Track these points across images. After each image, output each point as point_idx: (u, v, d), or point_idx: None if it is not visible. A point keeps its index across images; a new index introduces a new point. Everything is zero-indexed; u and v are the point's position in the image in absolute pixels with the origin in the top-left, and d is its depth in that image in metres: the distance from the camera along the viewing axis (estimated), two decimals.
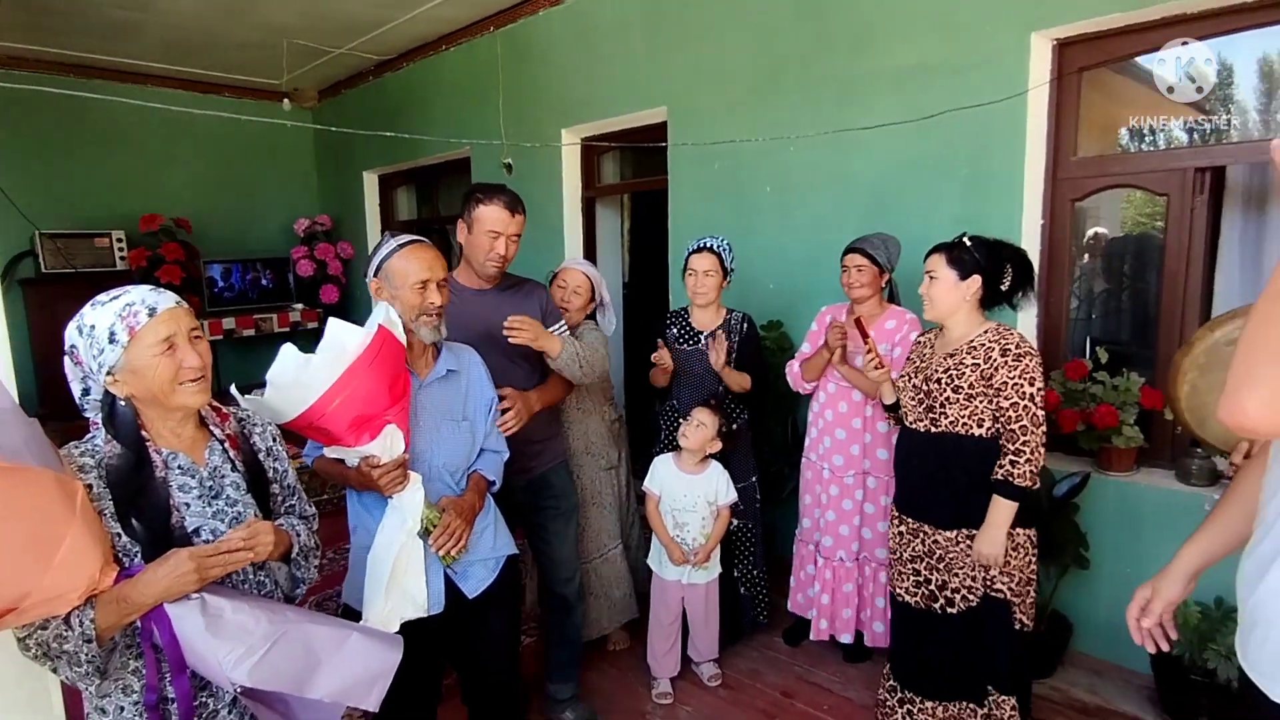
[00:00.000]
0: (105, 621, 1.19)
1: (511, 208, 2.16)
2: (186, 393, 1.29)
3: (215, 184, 6.37)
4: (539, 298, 2.34)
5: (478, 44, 4.97)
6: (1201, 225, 2.59)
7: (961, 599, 2.11)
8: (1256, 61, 3.32)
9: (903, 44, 3.03)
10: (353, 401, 1.57)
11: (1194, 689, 2.35)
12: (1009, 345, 2.01)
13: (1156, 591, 1.38)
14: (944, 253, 2.09)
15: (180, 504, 1.32)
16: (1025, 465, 1.97)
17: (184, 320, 1.30)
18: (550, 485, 2.39)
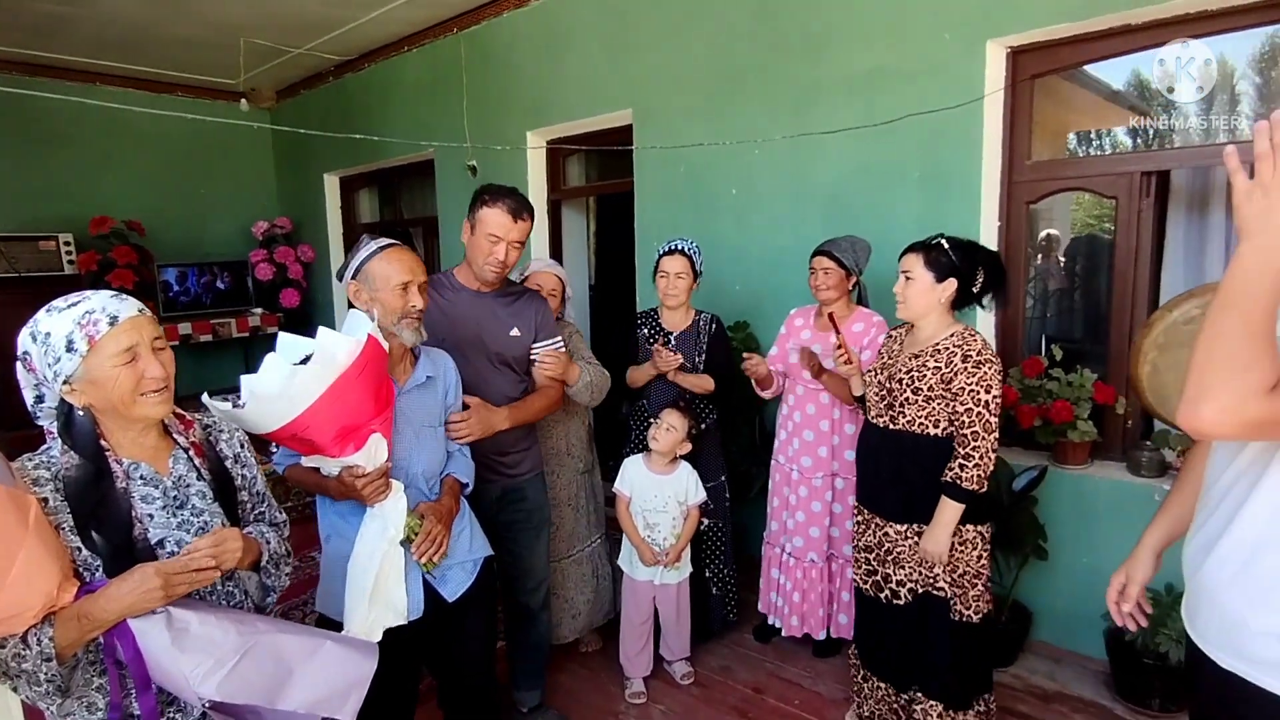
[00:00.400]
0: (65, 639, 1.15)
1: (515, 213, 2.09)
2: (148, 404, 1.26)
3: (169, 185, 6.20)
4: (536, 309, 2.29)
5: (440, 45, 4.93)
6: (1148, 226, 2.70)
7: (908, 591, 2.16)
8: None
9: (859, 51, 3.10)
10: (340, 412, 1.55)
11: (1147, 672, 2.44)
12: (970, 351, 2.04)
13: (1130, 576, 1.49)
14: (921, 254, 2.11)
15: (143, 515, 1.28)
16: (974, 469, 2.01)
17: (147, 329, 1.26)
18: (524, 496, 2.33)
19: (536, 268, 2.84)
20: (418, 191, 5.90)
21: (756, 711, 2.59)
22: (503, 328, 2.21)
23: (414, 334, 1.81)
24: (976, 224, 2.85)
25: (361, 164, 5.87)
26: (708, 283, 3.19)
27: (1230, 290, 0.97)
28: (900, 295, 2.13)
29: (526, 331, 2.25)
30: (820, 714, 2.56)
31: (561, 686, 2.75)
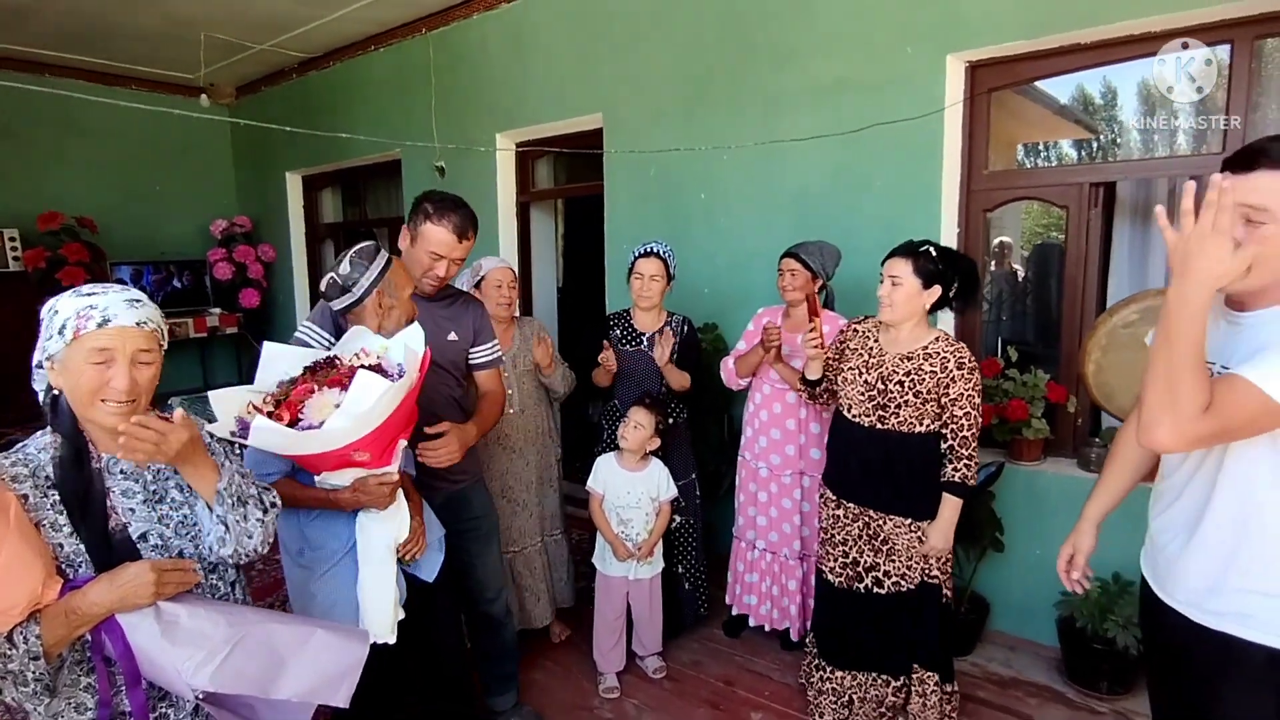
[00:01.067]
0: (53, 636, 1.15)
1: (461, 232, 2.04)
2: (104, 410, 1.24)
3: (122, 181, 6.05)
4: (474, 313, 2.28)
5: (408, 45, 4.91)
6: (1096, 234, 2.85)
7: (893, 583, 2.25)
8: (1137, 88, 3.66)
9: (825, 61, 3.20)
10: (395, 423, 1.59)
11: (1096, 656, 2.58)
12: (963, 359, 2.15)
13: (1076, 547, 1.70)
14: (909, 259, 2.16)
15: (124, 509, 1.28)
16: (974, 466, 2.17)
17: (134, 341, 1.25)
18: (469, 504, 2.30)
19: (490, 265, 2.87)
20: (383, 192, 5.85)
21: (728, 703, 2.66)
22: (440, 333, 2.17)
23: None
24: (937, 230, 2.97)
25: (325, 163, 5.80)
26: (676, 284, 3.25)
27: (1164, 328, 1.15)
28: (887, 299, 2.18)
29: (464, 337, 2.24)
30: (789, 704, 2.63)
31: (535, 684, 2.77)
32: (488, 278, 2.83)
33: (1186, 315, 1.12)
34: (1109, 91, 4.34)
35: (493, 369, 2.32)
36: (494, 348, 2.32)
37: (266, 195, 6.38)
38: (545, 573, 2.96)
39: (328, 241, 6.31)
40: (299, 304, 6.29)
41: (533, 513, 2.92)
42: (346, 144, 4.88)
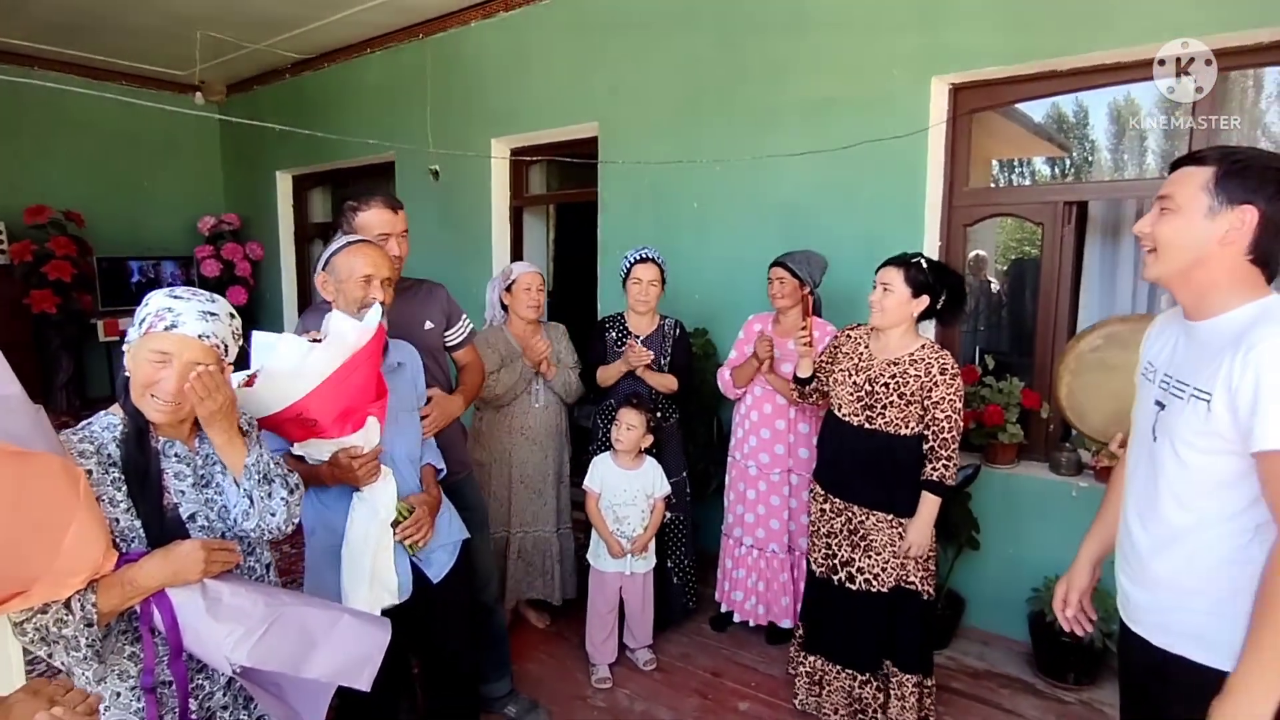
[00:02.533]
0: (107, 605, 1.23)
1: (392, 206, 2.15)
2: (150, 404, 1.33)
3: (110, 177, 6.04)
4: (440, 298, 2.37)
5: (404, 50, 4.98)
6: (1069, 251, 3.01)
7: (864, 580, 2.37)
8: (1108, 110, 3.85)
9: (816, 81, 3.34)
10: (344, 393, 1.64)
11: (1064, 650, 2.72)
12: (946, 365, 2.29)
13: (1070, 585, 1.63)
14: (901, 269, 2.30)
15: (176, 490, 1.37)
16: (952, 467, 2.29)
17: (191, 351, 1.32)
18: (462, 496, 2.36)
19: (521, 269, 2.99)
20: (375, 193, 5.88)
21: (716, 693, 2.76)
22: (415, 323, 2.26)
23: None
24: (920, 244, 3.11)
25: (316, 163, 5.83)
26: (667, 291, 3.36)
27: None
28: (878, 305, 2.32)
29: (439, 322, 2.34)
30: (775, 694, 2.74)
31: (529, 675, 2.85)
32: (518, 281, 2.94)
33: None
34: (1081, 112, 4.54)
35: (469, 345, 2.43)
36: (465, 324, 2.43)
37: (255, 193, 6.39)
38: (557, 559, 3.08)
39: (317, 241, 6.34)
40: (287, 303, 6.30)
41: (548, 502, 3.06)
42: (338, 145, 4.92)
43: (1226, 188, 1.24)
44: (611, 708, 2.68)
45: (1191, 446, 1.29)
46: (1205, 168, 1.27)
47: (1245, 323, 1.24)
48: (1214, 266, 1.27)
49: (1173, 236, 1.29)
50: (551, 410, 3.05)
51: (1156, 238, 1.31)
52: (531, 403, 3.00)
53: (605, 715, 2.64)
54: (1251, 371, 1.18)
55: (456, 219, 4.78)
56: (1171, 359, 1.39)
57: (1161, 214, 1.31)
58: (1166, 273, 1.33)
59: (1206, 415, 1.25)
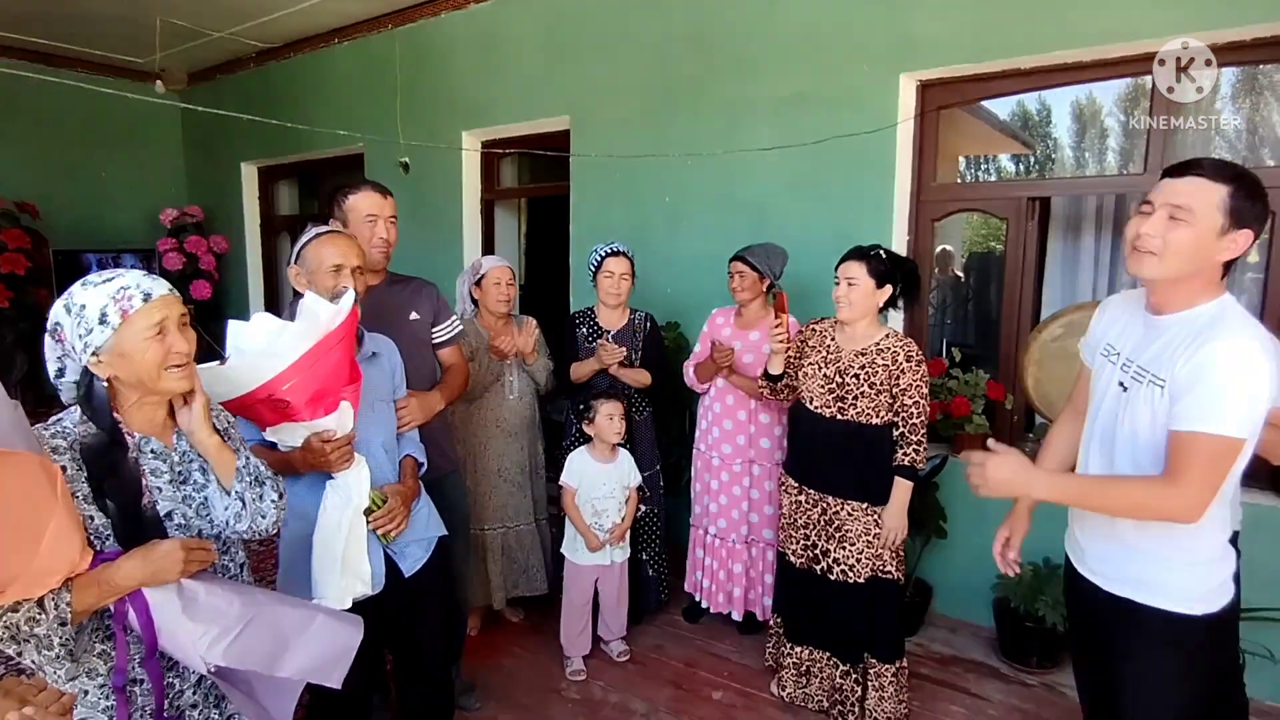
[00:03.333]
0: (82, 604, 1.20)
1: (381, 191, 2.20)
2: (171, 378, 1.32)
3: (66, 167, 5.87)
4: (430, 294, 2.40)
5: (373, 40, 4.91)
6: (1033, 245, 3.08)
7: (841, 572, 2.42)
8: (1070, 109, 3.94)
9: (786, 77, 3.36)
10: (317, 375, 1.62)
11: (1027, 634, 2.80)
12: (911, 353, 2.35)
13: (1013, 529, 1.84)
14: (864, 262, 2.35)
15: (153, 487, 1.34)
16: (923, 451, 2.36)
17: (175, 306, 1.32)
18: (442, 494, 2.33)
19: (491, 263, 2.97)
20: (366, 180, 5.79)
21: (690, 684, 2.79)
22: (403, 314, 2.29)
23: None
24: (889, 238, 3.16)
25: (283, 155, 5.74)
26: (639, 285, 3.37)
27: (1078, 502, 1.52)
28: (845, 299, 2.36)
29: (425, 315, 2.36)
30: (748, 683, 2.78)
31: (503, 669, 2.85)
32: (488, 276, 2.93)
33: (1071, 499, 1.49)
34: (1045, 110, 4.64)
35: (454, 345, 2.44)
36: (453, 324, 2.44)
37: (219, 185, 6.26)
38: (538, 551, 3.10)
39: (284, 234, 6.23)
40: (253, 296, 6.19)
41: (526, 494, 3.06)
42: (306, 136, 4.85)
43: (1239, 211, 1.34)
44: (586, 700, 2.69)
45: (1150, 428, 1.43)
46: (1220, 185, 1.34)
47: (1205, 320, 1.39)
48: (1202, 275, 1.40)
49: (1183, 246, 1.36)
50: (525, 401, 3.05)
51: (1167, 244, 1.37)
52: (505, 395, 2.99)
53: (580, 708, 2.65)
54: (1193, 365, 1.35)
55: (427, 212, 4.73)
56: (1133, 344, 1.52)
57: (1174, 222, 1.37)
58: (1165, 275, 1.41)
59: (1160, 399, 1.41)
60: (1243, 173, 1.37)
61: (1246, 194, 1.34)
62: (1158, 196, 1.41)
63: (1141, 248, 1.41)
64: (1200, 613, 1.45)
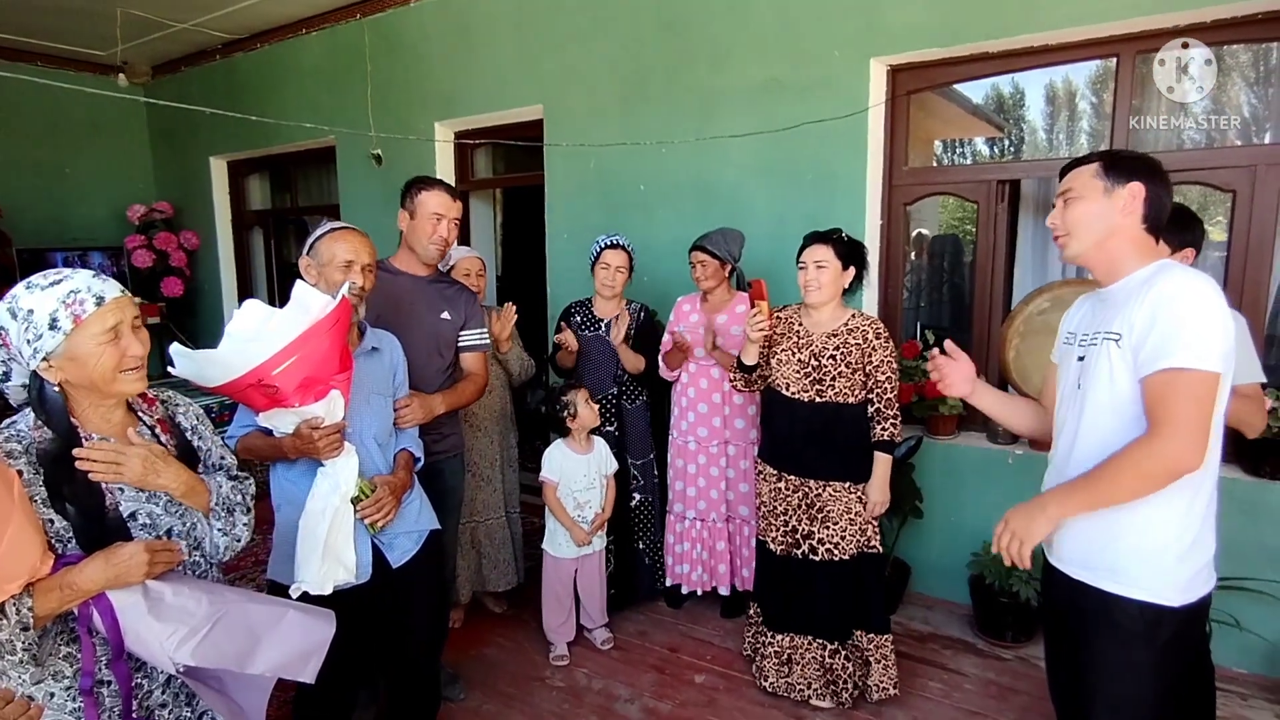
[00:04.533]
0: (44, 609, 1.19)
1: (452, 194, 2.35)
2: (127, 380, 1.30)
3: (28, 163, 5.73)
4: (466, 300, 2.47)
5: (342, 30, 4.84)
6: (1004, 227, 3.12)
7: (826, 550, 2.44)
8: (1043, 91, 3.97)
9: (758, 63, 3.37)
10: (306, 362, 1.62)
11: (1002, 609, 2.85)
12: (880, 331, 2.41)
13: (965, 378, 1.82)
14: (829, 245, 2.38)
15: (114, 488, 1.32)
16: (898, 425, 2.43)
17: (129, 309, 1.31)
18: (443, 477, 2.43)
19: (460, 254, 2.97)
20: (315, 179, 5.73)
21: (673, 668, 2.82)
22: (435, 310, 2.38)
23: (354, 311, 1.91)
24: (862, 222, 3.18)
25: (253, 148, 5.64)
26: None
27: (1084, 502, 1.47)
28: (815, 282, 2.39)
29: (456, 317, 2.42)
30: (729, 666, 2.81)
31: (486, 659, 2.87)
32: (456, 266, 2.94)
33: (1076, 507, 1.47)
34: (1018, 93, 4.67)
35: (478, 353, 2.48)
36: (482, 334, 2.49)
37: (188, 180, 6.14)
38: (508, 545, 3.10)
39: (256, 229, 6.15)
40: (226, 293, 6.10)
41: (496, 488, 3.06)
42: (275, 130, 4.76)
43: (1113, 172, 1.49)
44: (570, 687, 2.71)
45: (1109, 383, 1.45)
46: (1089, 164, 1.53)
47: (1147, 275, 1.46)
48: (1121, 236, 1.50)
49: (1081, 217, 1.52)
50: (495, 395, 3.05)
51: (1069, 222, 1.54)
52: None
53: (564, 695, 2.67)
54: (1148, 305, 1.39)
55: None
56: (1086, 322, 1.60)
57: (1067, 204, 1.55)
58: (1084, 248, 1.54)
59: (1116, 352, 1.44)
60: (1107, 150, 1.59)
61: (1112, 160, 1.51)
62: (1056, 195, 1.61)
63: (1056, 235, 1.59)
64: (1177, 603, 1.41)
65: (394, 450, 2.03)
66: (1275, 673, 2.60)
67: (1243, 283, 2.67)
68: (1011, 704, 2.56)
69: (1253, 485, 2.61)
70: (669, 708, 2.58)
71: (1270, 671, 2.61)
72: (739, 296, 3.02)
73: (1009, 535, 1.48)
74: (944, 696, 2.61)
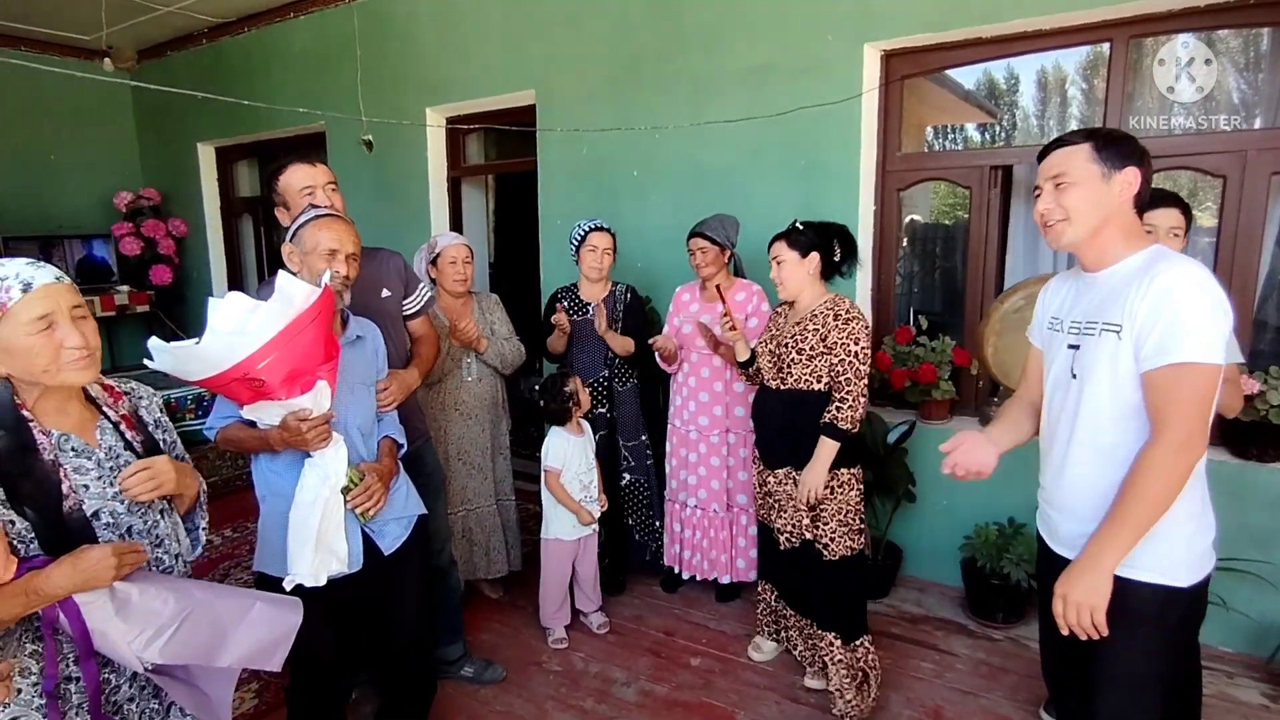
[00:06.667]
0: (8, 613, 1.16)
1: (309, 161, 2.15)
2: (70, 370, 1.24)
3: (12, 150, 5.65)
4: (397, 266, 2.37)
5: (331, 14, 4.78)
6: (995, 213, 3.13)
7: (785, 538, 2.46)
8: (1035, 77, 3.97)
9: (751, 47, 3.36)
10: (292, 354, 1.61)
11: (994, 591, 2.89)
12: (840, 310, 2.34)
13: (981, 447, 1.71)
14: (783, 239, 2.41)
15: (78, 486, 1.28)
16: (848, 411, 2.28)
17: (65, 297, 1.24)
18: (423, 461, 2.43)
19: (446, 241, 2.94)
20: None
21: (669, 651, 2.84)
22: (372, 290, 2.25)
23: (338, 299, 1.89)
24: (855, 208, 3.19)
25: (241, 134, 5.59)
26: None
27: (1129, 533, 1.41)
28: (776, 278, 2.43)
29: (396, 290, 2.35)
30: (725, 649, 2.84)
31: (485, 645, 2.88)
32: (443, 254, 2.90)
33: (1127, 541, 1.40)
34: (1011, 78, 4.67)
35: (424, 315, 2.44)
36: (423, 291, 2.43)
37: (176, 167, 6.08)
38: (499, 532, 3.09)
39: (245, 216, 6.09)
40: (216, 280, 6.06)
41: (487, 475, 3.04)
42: (264, 115, 4.71)
43: (1108, 156, 1.45)
44: (567, 671, 2.73)
45: (1111, 374, 1.44)
46: (1081, 145, 1.48)
47: (1141, 263, 1.44)
48: (1114, 221, 1.48)
49: (1079, 203, 1.47)
50: (485, 383, 3.02)
51: (1067, 208, 1.48)
52: (464, 377, 2.97)
53: (561, 679, 2.69)
54: (1150, 297, 1.37)
55: (392, 191, 4.66)
56: (1075, 307, 1.56)
57: (1061, 189, 1.49)
58: (1082, 234, 1.49)
59: (1117, 344, 1.43)
60: (1096, 129, 1.52)
61: (1105, 140, 1.47)
62: (1040, 178, 1.54)
63: (1050, 221, 1.52)
64: (1186, 584, 1.43)
65: (377, 438, 2.02)
66: (1260, 651, 2.64)
67: (1232, 268, 2.70)
68: (1002, 683, 2.60)
69: (1239, 467, 2.65)
70: (665, 690, 2.60)
71: (1255, 650, 2.66)
72: (738, 284, 3.02)
73: (1074, 609, 1.42)
74: (935, 676, 2.65)
